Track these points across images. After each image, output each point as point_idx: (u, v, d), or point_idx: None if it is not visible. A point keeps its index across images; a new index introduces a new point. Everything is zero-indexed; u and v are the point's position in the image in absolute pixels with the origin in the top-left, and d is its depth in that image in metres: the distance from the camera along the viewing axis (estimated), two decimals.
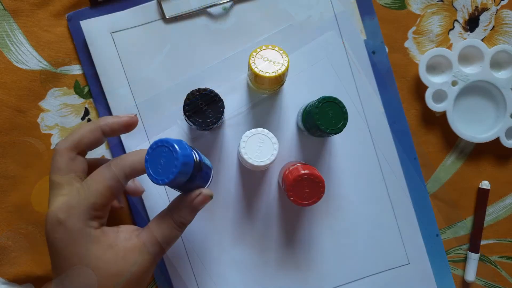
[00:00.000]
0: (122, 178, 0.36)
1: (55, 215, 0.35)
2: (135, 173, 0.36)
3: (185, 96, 0.39)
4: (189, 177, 0.34)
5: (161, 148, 0.32)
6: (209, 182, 0.40)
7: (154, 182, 0.32)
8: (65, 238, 0.35)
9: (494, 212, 0.50)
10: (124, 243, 0.36)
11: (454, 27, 0.48)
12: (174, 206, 0.38)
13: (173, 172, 0.31)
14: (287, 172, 0.41)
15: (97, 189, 0.35)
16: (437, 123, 0.49)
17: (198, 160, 0.36)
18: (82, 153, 0.39)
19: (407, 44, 0.48)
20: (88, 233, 0.35)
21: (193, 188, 0.37)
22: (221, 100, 0.40)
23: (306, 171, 0.38)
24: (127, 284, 0.35)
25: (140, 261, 0.36)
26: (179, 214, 0.37)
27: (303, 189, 0.39)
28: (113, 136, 0.42)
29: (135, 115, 0.40)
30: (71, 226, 0.35)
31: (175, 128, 0.46)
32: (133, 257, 0.36)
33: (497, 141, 0.48)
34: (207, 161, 0.39)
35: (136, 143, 0.46)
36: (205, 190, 0.37)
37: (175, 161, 0.31)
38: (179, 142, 0.32)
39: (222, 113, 0.40)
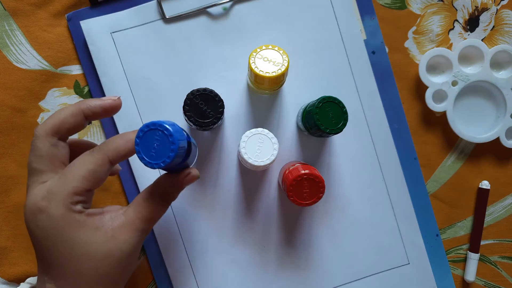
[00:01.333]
0: (105, 163, 0.34)
1: (34, 203, 0.33)
2: (119, 156, 0.35)
3: (185, 96, 0.39)
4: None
5: (154, 131, 0.30)
6: (195, 160, 0.40)
7: (148, 166, 0.31)
8: (48, 226, 0.33)
9: (494, 212, 0.50)
10: (111, 223, 0.35)
11: (454, 27, 0.48)
12: (161, 184, 0.37)
13: (169, 157, 0.30)
14: (287, 172, 0.41)
15: (79, 174, 0.33)
16: (437, 123, 0.49)
17: (189, 141, 0.35)
18: (63, 138, 0.36)
19: (407, 44, 0.48)
20: (72, 218, 0.33)
21: (181, 167, 0.36)
22: (221, 100, 0.40)
23: (306, 171, 0.38)
24: (118, 264, 0.34)
25: (129, 239, 0.35)
26: (167, 192, 0.37)
27: (303, 189, 0.39)
28: (95, 120, 0.40)
29: (119, 97, 0.38)
30: (53, 212, 0.33)
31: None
32: (123, 235, 0.34)
33: (497, 141, 0.48)
34: (192, 139, 0.39)
35: None
36: (193, 171, 0.37)
37: (171, 146, 0.30)
38: (172, 124, 0.31)
39: (222, 113, 0.40)
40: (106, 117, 0.38)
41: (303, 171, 0.38)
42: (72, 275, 0.33)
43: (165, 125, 0.30)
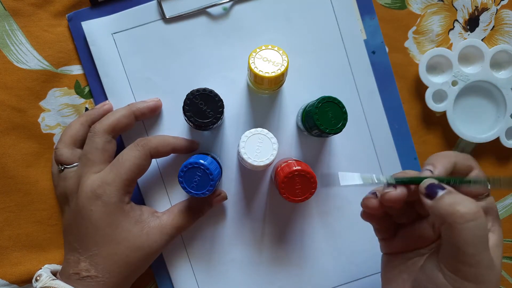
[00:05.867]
0: (147, 157, 0.41)
1: (92, 190, 0.39)
2: (158, 155, 0.42)
3: (185, 96, 0.39)
4: None
5: (196, 169, 0.39)
6: (221, 176, 0.46)
7: (190, 195, 0.40)
8: (101, 211, 0.39)
9: None
10: (148, 221, 0.42)
11: (454, 27, 0.48)
12: (195, 201, 0.45)
13: (209, 190, 0.39)
14: (279, 169, 0.41)
15: (128, 167, 0.40)
16: (437, 123, 0.49)
17: (221, 169, 0.44)
18: (116, 136, 0.43)
19: (407, 44, 0.48)
20: (121, 208, 0.40)
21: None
22: (221, 100, 0.40)
23: (298, 168, 0.38)
24: (144, 258, 0.41)
25: (159, 240, 0.41)
26: (199, 208, 0.45)
27: (295, 186, 0.39)
28: (142, 119, 0.46)
29: (159, 99, 0.46)
30: (107, 200, 0.39)
31: (176, 128, 0.46)
32: (155, 236, 0.41)
33: (497, 141, 0.48)
34: (220, 162, 0.46)
35: None
36: (223, 193, 0.46)
37: (211, 182, 0.39)
38: (210, 163, 0.39)
39: (222, 113, 0.40)
40: (151, 116, 0.46)
41: (294, 168, 0.39)
42: (107, 255, 0.39)
43: (205, 163, 0.38)
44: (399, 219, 0.38)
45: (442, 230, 0.31)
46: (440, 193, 0.31)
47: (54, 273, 0.41)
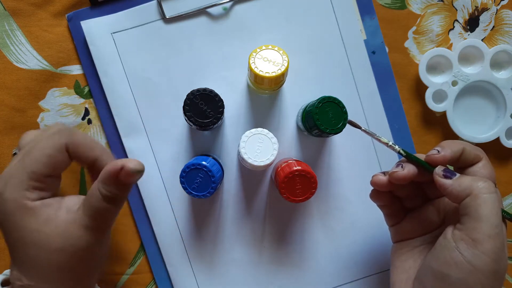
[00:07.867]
0: (62, 150, 0.33)
1: None
2: (77, 155, 0.34)
3: (185, 96, 0.39)
4: None
5: (198, 170, 0.39)
6: (222, 179, 0.45)
7: (190, 196, 0.39)
8: (3, 210, 0.32)
9: None
10: (65, 216, 0.33)
11: (454, 27, 0.48)
12: (101, 177, 0.33)
13: (210, 192, 0.39)
14: (279, 169, 0.41)
15: (36, 158, 0.32)
16: (437, 123, 0.49)
17: (223, 170, 0.44)
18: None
19: (407, 44, 0.48)
20: (23, 205, 0.32)
21: None
22: (221, 100, 0.40)
23: (298, 168, 0.38)
24: (73, 258, 0.33)
25: (84, 235, 0.33)
26: (105, 188, 0.33)
27: (296, 186, 0.39)
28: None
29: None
30: (6, 196, 0.32)
31: (176, 128, 0.46)
32: (74, 231, 0.32)
33: (497, 141, 0.48)
34: (221, 162, 0.46)
35: (137, 144, 0.46)
36: (130, 163, 0.32)
37: (212, 184, 0.39)
38: (212, 165, 0.39)
39: (222, 113, 0.40)
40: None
41: (294, 168, 0.39)
42: (29, 261, 0.32)
43: (207, 165, 0.38)
44: (408, 203, 0.40)
45: (464, 205, 0.32)
46: (457, 175, 0.34)
47: (7, 281, 0.36)
